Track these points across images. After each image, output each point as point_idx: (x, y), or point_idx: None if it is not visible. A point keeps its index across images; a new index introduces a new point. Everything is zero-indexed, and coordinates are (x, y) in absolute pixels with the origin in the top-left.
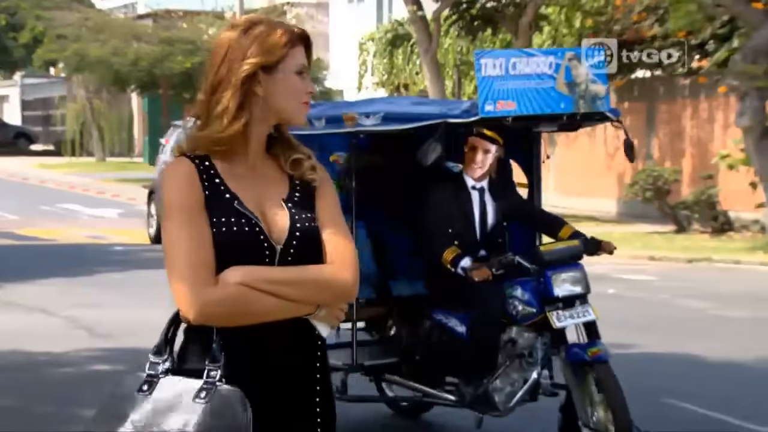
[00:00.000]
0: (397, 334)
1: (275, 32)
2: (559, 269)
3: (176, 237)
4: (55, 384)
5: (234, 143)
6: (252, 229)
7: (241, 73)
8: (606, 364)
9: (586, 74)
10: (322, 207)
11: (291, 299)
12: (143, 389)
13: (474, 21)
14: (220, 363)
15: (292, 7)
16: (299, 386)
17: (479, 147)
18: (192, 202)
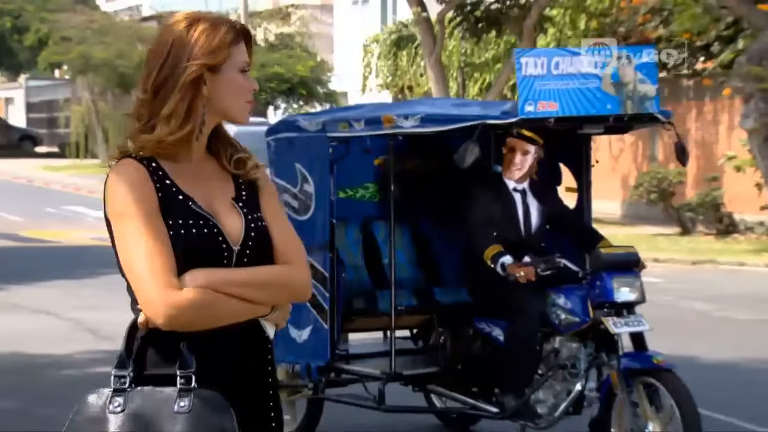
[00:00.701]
0: (439, 342)
1: (219, 30)
2: (618, 274)
3: (136, 242)
4: (59, 386)
5: (181, 145)
6: (210, 231)
7: (188, 75)
8: (673, 373)
9: (634, 74)
10: (267, 206)
11: (253, 301)
12: (115, 407)
13: (478, 23)
14: (192, 368)
15: (296, 9)
16: (255, 389)
17: (518, 148)
18: (148, 205)
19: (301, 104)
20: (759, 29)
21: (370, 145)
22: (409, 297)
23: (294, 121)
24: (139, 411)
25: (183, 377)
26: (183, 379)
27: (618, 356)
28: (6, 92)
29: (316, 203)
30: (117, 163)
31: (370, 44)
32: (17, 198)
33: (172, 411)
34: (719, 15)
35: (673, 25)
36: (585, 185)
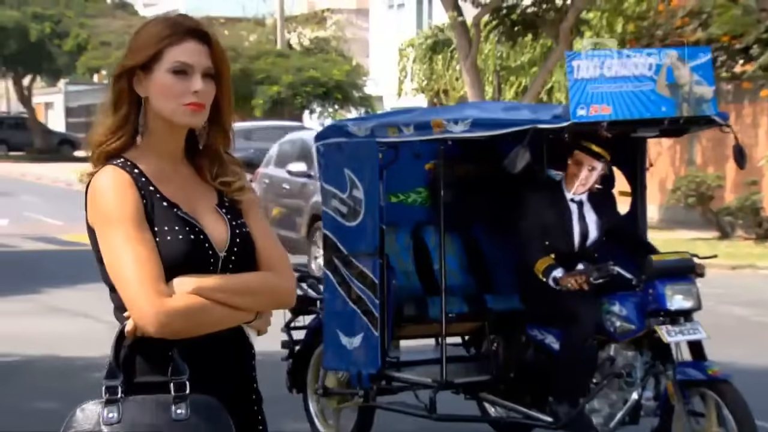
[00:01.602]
0: (491, 350)
1: (154, 29)
2: (672, 281)
3: (123, 249)
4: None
5: (118, 142)
6: (197, 237)
7: (113, 72)
8: (730, 384)
9: (690, 75)
10: (249, 213)
11: (239, 307)
12: (110, 418)
13: (514, 26)
14: (186, 374)
15: (332, 13)
16: (240, 396)
17: (585, 163)
18: (133, 211)
19: (337, 108)
20: None
21: (421, 150)
22: (461, 303)
23: (343, 126)
24: (135, 420)
25: (177, 384)
26: (177, 386)
27: (674, 366)
28: (46, 97)
29: (365, 209)
30: (99, 170)
31: (405, 48)
32: (57, 202)
33: (171, 419)
34: (759, 17)
35: (712, 27)
36: (639, 189)
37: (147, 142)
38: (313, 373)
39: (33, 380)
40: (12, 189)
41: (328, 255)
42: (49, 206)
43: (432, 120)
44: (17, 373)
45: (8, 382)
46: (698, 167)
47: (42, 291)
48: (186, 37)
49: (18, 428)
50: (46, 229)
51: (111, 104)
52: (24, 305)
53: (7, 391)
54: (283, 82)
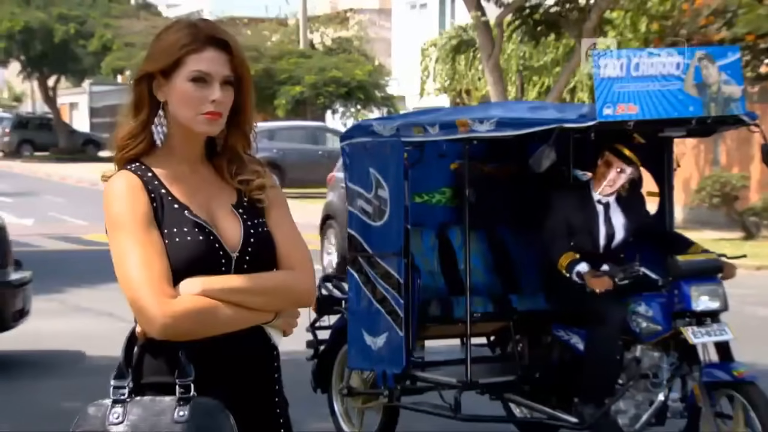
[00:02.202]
0: (516, 350)
1: (173, 36)
2: (697, 282)
3: (130, 251)
4: None
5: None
6: (207, 238)
7: (132, 77)
8: (755, 385)
9: (718, 75)
10: (272, 212)
11: (252, 307)
12: (115, 418)
13: (537, 26)
14: (191, 377)
15: (354, 13)
16: (260, 397)
17: (614, 165)
18: (142, 214)
19: (359, 108)
20: None
21: (446, 150)
22: (486, 303)
23: (368, 125)
24: (138, 422)
25: (182, 386)
26: (182, 388)
27: (700, 367)
28: (70, 97)
29: (390, 208)
30: (114, 175)
31: (428, 48)
32: (81, 202)
33: (172, 420)
34: None
35: (737, 27)
36: (667, 189)
37: (166, 145)
38: (338, 373)
39: (58, 380)
40: (37, 189)
41: (353, 255)
42: (73, 206)
43: (457, 119)
44: (42, 372)
45: (33, 382)
46: (723, 167)
47: (66, 290)
48: (206, 45)
49: (43, 428)
50: (70, 229)
51: (131, 108)
52: (48, 304)
53: (33, 391)
54: (306, 82)
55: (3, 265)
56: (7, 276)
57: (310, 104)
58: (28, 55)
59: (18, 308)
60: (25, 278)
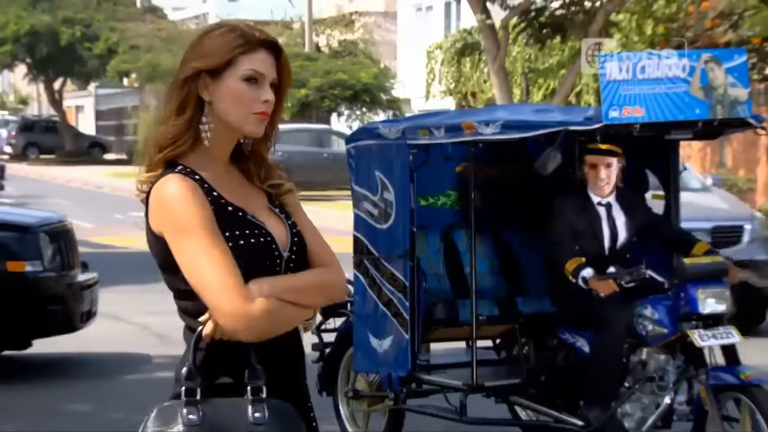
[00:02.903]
0: (522, 353)
1: (226, 36)
2: (704, 284)
3: (203, 255)
4: (128, 390)
5: (183, 146)
6: (264, 239)
7: (179, 74)
8: (763, 389)
9: (724, 77)
10: (295, 210)
11: (303, 305)
12: (190, 419)
13: (543, 29)
14: (262, 379)
15: (360, 16)
16: (298, 392)
17: (599, 163)
18: (207, 218)
19: (364, 111)
20: None
21: (451, 153)
22: (491, 306)
23: (374, 128)
24: (214, 422)
25: (253, 388)
26: (254, 390)
27: (706, 370)
28: (76, 100)
29: (396, 211)
30: (162, 178)
31: (433, 51)
32: (87, 204)
33: (249, 422)
34: None
35: (743, 29)
36: (673, 192)
37: (204, 147)
38: (344, 376)
39: (67, 381)
40: (43, 192)
41: (358, 257)
42: (79, 209)
43: (463, 122)
44: (51, 373)
45: (42, 383)
46: (729, 170)
47: None
48: (258, 46)
49: (54, 428)
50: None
51: (175, 108)
52: None
53: (42, 392)
54: (311, 84)
55: (71, 267)
56: (75, 278)
57: (315, 107)
58: (34, 58)
59: (86, 309)
60: (92, 279)
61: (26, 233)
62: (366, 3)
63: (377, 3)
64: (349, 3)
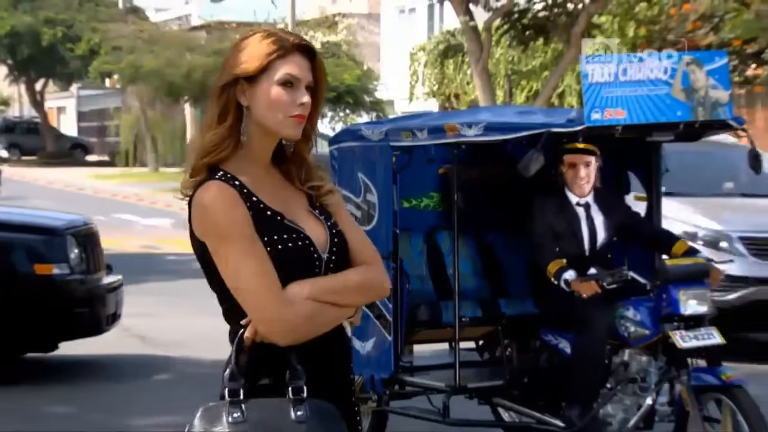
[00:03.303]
0: (505, 354)
1: (262, 42)
2: (685, 286)
3: (245, 262)
4: (108, 392)
5: (225, 152)
6: (303, 243)
7: (218, 81)
8: (744, 389)
9: (706, 79)
10: (337, 210)
11: (344, 305)
12: (235, 418)
13: (526, 30)
14: (303, 379)
15: (343, 18)
16: (343, 391)
17: (578, 162)
18: (246, 225)
19: (348, 113)
20: None
21: (434, 155)
22: (474, 308)
23: (357, 130)
24: (257, 421)
25: (294, 388)
26: (295, 390)
27: (688, 371)
28: (58, 101)
29: (379, 213)
30: (203, 185)
31: (416, 53)
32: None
33: (293, 421)
34: None
35: (724, 32)
36: (655, 194)
37: (243, 152)
38: None
39: (46, 383)
40: (24, 193)
41: None
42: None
43: (446, 124)
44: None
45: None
46: None
47: None
48: (293, 51)
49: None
50: None
51: (216, 115)
52: None
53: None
54: None
55: (96, 270)
56: (101, 280)
57: None
58: (15, 59)
59: (111, 312)
60: (117, 282)
61: (53, 236)
62: (349, 5)
63: (360, 5)
64: (332, 5)
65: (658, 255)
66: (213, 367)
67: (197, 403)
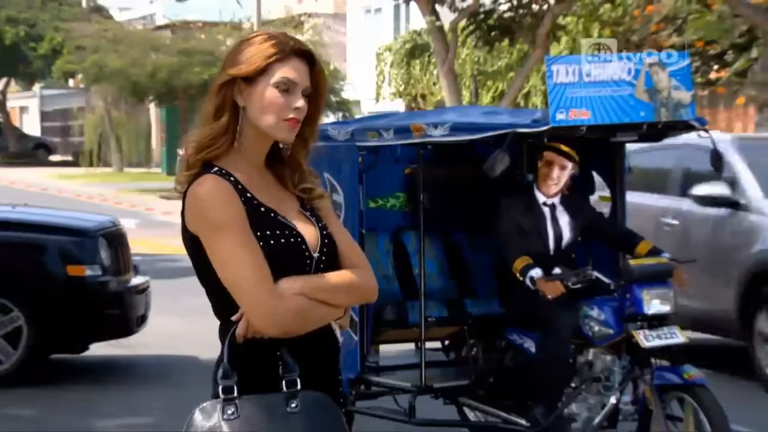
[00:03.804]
0: (470, 354)
1: (263, 44)
2: (649, 286)
3: (238, 254)
4: (73, 393)
5: (220, 149)
6: (295, 240)
7: (216, 80)
8: (706, 388)
9: (668, 80)
10: (327, 214)
11: (335, 305)
12: (229, 415)
13: (491, 31)
14: (296, 372)
15: (309, 18)
16: (334, 392)
17: (556, 162)
18: (242, 218)
19: None
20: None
21: (400, 155)
22: (440, 308)
23: (323, 130)
24: (252, 416)
25: (288, 381)
26: (289, 383)
27: (651, 370)
28: (21, 101)
29: (345, 213)
30: (199, 178)
31: (383, 53)
32: None
33: (286, 412)
34: (733, 23)
35: (687, 33)
36: (619, 194)
37: (238, 150)
38: None
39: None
40: None
41: None
42: None
43: (412, 124)
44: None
45: None
46: None
47: None
48: (292, 55)
49: None
50: None
51: (212, 112)
52: None
53: None
54: None
55: (124, 271)
56: (130, 281)
57: None
58: None
59: (140, 313)
60: (145, 283)
61: (85, 237)
62: (315, 4)
63: (326, 4)
64: (298, 4)
65: (623, 255)
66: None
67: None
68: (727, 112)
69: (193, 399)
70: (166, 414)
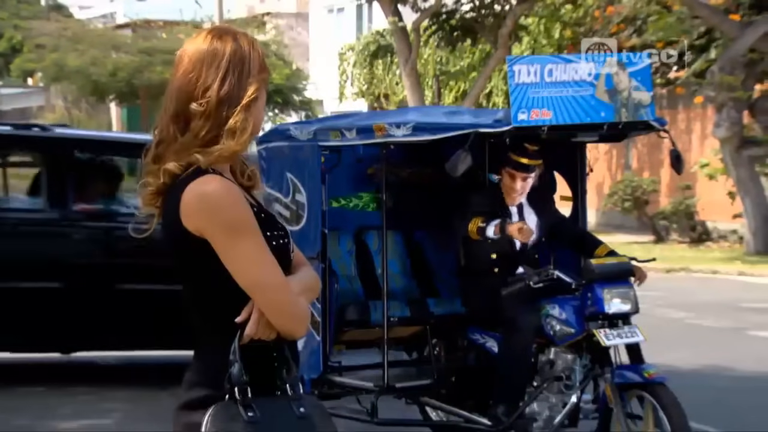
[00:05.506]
0: (433, 354)
1: (259, 49)
2: (610, 285)
3: (262, 255)
4: (31, 396)
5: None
6: (287, 240)
7: (252, 92)
8: (665, 386)
9: (628, 81)
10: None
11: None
12: (252, 417)
13: (453, 31)
14: (297, 375)
15: (272, 18)
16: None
17: (517, 176)
18: (254, 218)
19: (277, 112)
20: (730, 39)
21: (363, 155)
22: (403, 308)
23: (285, 129)
24: (263, 420)
25: (291, 384)
26: (291, 386)
27: (612, 369)
28: None
29: (308, 213)
30: (201, 178)
31: (345, 53)
32: None
33: (296, 416)
34: (692, 24)
35: (647, 34)
36: (580, 193)
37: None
38: None
39: None
40: None
41: None
42: None
43: (374, 124)
44: None
45: None
46: (634, 172)
47: None
48: None
49: None
50: None
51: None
52: None
53: None
54: None
55: None
56: None
57: None
58: None
59: None
60: None
61: None
62: (277, 4)
63: (289, 4)
64: (260, 4)
65: (582, 255)
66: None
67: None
68: (686, 112)
69: (153, 400)
70: (126, 416)
